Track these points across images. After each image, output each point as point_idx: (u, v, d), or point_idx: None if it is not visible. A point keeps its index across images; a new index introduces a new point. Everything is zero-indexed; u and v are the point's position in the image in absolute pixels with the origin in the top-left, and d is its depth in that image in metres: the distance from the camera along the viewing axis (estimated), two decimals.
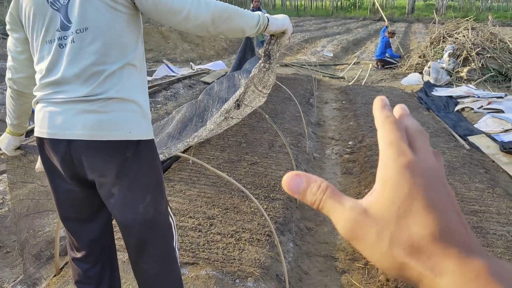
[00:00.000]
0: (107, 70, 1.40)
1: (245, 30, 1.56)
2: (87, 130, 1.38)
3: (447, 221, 0.30)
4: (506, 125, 5.35)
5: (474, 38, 8.66)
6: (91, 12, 1.38)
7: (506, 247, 2.79)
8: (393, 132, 0.35)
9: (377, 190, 0.33)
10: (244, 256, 2.59)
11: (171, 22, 1.46)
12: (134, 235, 1.55)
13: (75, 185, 1.53)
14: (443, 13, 29.42)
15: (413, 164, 0.32)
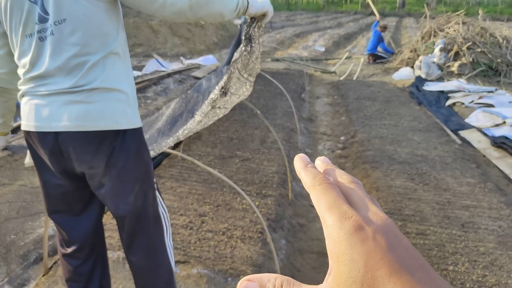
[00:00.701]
0: (90, 61, 1.38)
1: (224, 14, 1.53)
2: (73, 121, 1.37)
3: (419, 284, 0.26)
4: (497, 119, 5.37)
5: (465, 32, 8.69)
6: (67, 3, 1.34)
7: (497, 242, 2.79)
8: (327, 191, 0.32)
9: (334, 270, 0.29)
10: (236, 254, 2.56)
11: (148, 9, 1.43)
12: (126, 226, 1.57)
13: (64, 179, 1.52)
14: (434, 8, 29.49)
15: (360, 227, 0.29)
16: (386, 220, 0.30)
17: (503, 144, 4.51)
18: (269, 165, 3.94)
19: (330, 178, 0.34)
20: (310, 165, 0.37)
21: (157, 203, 1.65)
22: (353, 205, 0.32)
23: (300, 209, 3.41)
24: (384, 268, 0.27)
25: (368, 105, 6.31)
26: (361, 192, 0.33)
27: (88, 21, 1.36)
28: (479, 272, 2.47)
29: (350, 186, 0.34)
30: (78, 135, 1.39)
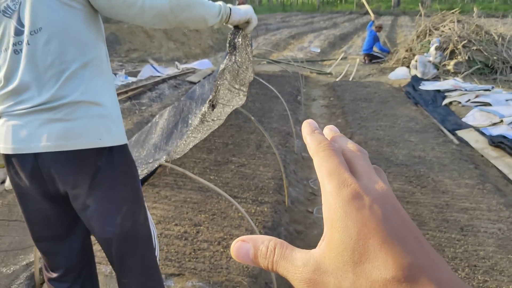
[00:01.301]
0: (67, 70, 1.30)
1: (207, 19, 1.49)
2: (53, 141, 1.30)
3: (410, 256, 0.26)
4: (494, 118, 5.34)
5: (460, 30, 8.67)
6: (43, 12, 1.29)
7: (497, 245, 2.75)
8: (330, 158, 0.32)
9: (327, 236, 0.29)
10: (232, 264, 2.51)
11: (127, 16, 1.39)
12: (114, 248, 1.47)
13: (47, 203, 1.44)
14: (429, 6, 29.53)
15: (358, 195, 0.29)
16: (386, 190, 0.30)
17: (501, 144, 4.47)
18: (265, 170, 3.89)
19: (335, 145, 0.34)
20: (317, 131, 0.36)
21: (148, 222, 1.57)
22: (355, 173, 0.31)
23: (297, 215, 3.36)
24: (376, 237, 0.27)
25: (365, 106, 6.27)
26: (365, 162, 0.33)
27: (65, 28, 1.31)
28: (479, 278, 2.43)
29: (354, 155, 0.33)
30: (60, 155, 1.32)
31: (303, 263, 0.29)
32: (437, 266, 0.26)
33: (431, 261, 0.26)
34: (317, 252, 0.30)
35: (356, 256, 0.27)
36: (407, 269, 0.25)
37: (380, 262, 0.26)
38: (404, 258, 0.26)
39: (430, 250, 0.27)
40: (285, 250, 0.31)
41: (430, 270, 0.26)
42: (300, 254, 0.30)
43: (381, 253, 0.26)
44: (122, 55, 11.15)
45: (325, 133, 0.38)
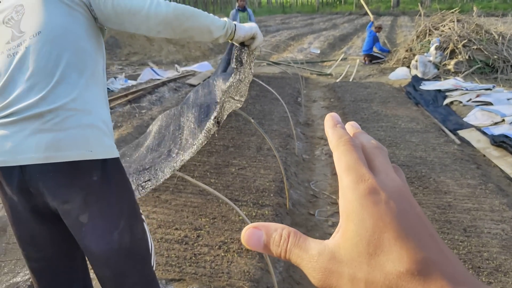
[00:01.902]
0: (61, 74, 1.26)
1: (212, 30, 1.50)
2: (41, 152, 1.22)
3: (423, 251, 0.26)
4: (496, 117, 5.31)
5: (460, 30, 8.64)
6: (45, 17, 1.29)
7: (501, 246, 2.72)
8: (349, 153, 0.32)
9: (342, 227, 0.30)
10: (233, 269, 2.49)
11: (132, 23, 1.39)
12: (111, 267, 1.36)
13: (35, 221, 1.34)
14: (428, 6, 29.52)
15: (374, 190, 0.29)
16: (402, 187, 0.30)
17: (503, 143, 4.44)
18: (266, 173, 3.87)
19: (355, 140, 0.34)
20: (339, 125, 0.36)
21: (147, 236, 1.49)
22: (374, 169, 0.32)
23: (299, 218, 3.33)
24: (391, 231, 0.27)
25: (365, 107, 6.25)
26: (383, 158, 0.33)
27: (64, 33, 1.30)
28: (483, 280, 2.40)
29: (374, 151, 0.34)
30: (49, 168, 1.24)
31: (318, 252, 0.30)
32: (450, 261, 0.27)
33: (445, 257, 0.27)
34: (332, 242, 0.30)
35: (371, 248, 0.27)
36: (420, 263, 0.26)
37: (394, 255, 0.26)
38: (418, 252, 0.26)
39: (443, 247, 0.28)
40: (299, 238, 0.31)
41: (443, 265, 0.26)
42: (314, 244, 0.31)
43: (395, 247, 0.27)
44: (122, 59, 11.14)
45: (347, 128, 0.38)
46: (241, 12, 8.37)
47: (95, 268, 1.39)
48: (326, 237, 3.06)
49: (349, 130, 0.38)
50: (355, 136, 0.36)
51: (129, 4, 1.37)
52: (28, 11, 1.33)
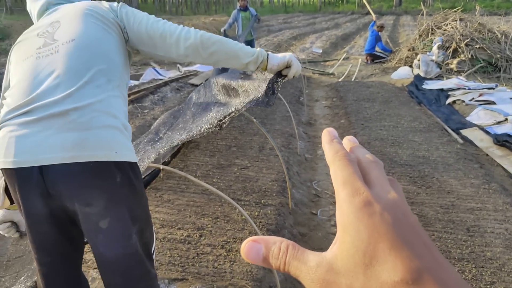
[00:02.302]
0: (90, 76, 1.28)
1: (240, 56, 1.54)
2: (68, 151, 1.18)
3: (417, 260, 0.27)
4: (498, 117, 5.29)
5: (462, 29, 8.61)
6: (80, 28, 1.36)
7: (505, 245, 2.71)
8: (345, 167, 0.33)
9: (339, 239, 0.31)
10: (236, 268, 2.49)
11: (163, 46, 1.47)
12: (123, 273, 1.34)
13: (49, 224, 1.31)
14: (431, 5, 29.45)
15: (369, 203, 0.30)
16: (397, 199, 0.31)
17: (506, 142, 4.43)
18: (268, 172, 3.87)
19: (351, 155, 0.35)
20: (336, 140, 0.37)
21: (153, 239, 1.49)
22: (369, 182, 0.32)
23: (301, 218, 3.33)
24: (386, 242, 0.28)
25: (368, 106, 6.24)
26: (379, 172, 0.34)
27: (97, 43, 1.35)
28: (487, 279, 2.39)
29: (369, 165, 0.35)
30: (74, 168, 1.20)
31: (316, 264, 0.31)
32: (443, 269, 0.27)
33: (438, 264, 0.27)
34: (330, 254, 0.31)
35: (367, 259, 0.28)
36: (415, 272, 0.26)
37: (389, 265, 0.27)
38: (412, 261, 0.27)
39: (437, 255, 0.28)
40: (297, 251, 0.32)
41: (437, 273, 0.27)
42: (313, 256, 0.31)
43: (390, 257, 0.27)
44: None
45: (344, 143, 0.39)
46: (243, 11, 8.33)
47: (106, 275, 1.35)
48: (329, 236, 3.05)
49: (346, 145, 0.39)
50: (352, 150, 0.37)
51: (162, 28, 1.47)
52: (64, 25, 1.39)
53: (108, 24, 1.43)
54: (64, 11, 1.47)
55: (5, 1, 22.72)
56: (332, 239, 3.02)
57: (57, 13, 1.48)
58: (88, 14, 1.42)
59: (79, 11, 1.44)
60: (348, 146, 0.38)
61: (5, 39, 12.63)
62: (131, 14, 1.50)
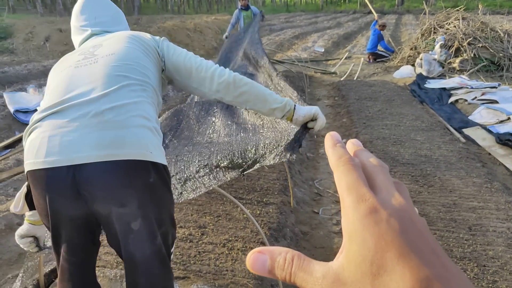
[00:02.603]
0: (128, 82, 1.32)
1: (268, 100, 1.57)
2: (103, 150, 1.17)
3: (426, 268, 0.26)
4: (501, 116, 5.28)
5: (465, 28, 8.59)
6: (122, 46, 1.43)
7: (507, 244, 2.71)
8: (349, 172, 0.32)
9: (346, 248, 0.30)
10: (237, 266, 2.49)
11: (197, 78, 1.54)
12: (147, 273, 1.33)
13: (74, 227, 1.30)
14: (433, 3, 29.37)
15: (375, 209, 0.29)
16: (404, 204, 0.30)
17: (509, 141, 4.42)
18: (270, 171, 3.87)
19: (355, 160, 0.34)
20: (339, 144, 0.36)
21: (174, 240, 1.51)
22: (374, 188, 0.32)
23: (303, 216, 3.33)
24: (393, 250, 0.27)
25: (370, 105, 6.23)
26: (384, 176, 0.33)
27: (136, 60, 1.42)
28: (489, 278, 2.39)
29: (374, 169, 0.34)
30: (110, 166, 1.19)
31: (322, 275, 0.30)
32: (453, 277, 0.26)
33: (448, 272, 0.26)
34: (336, 264, 0.30)
35: (374, 269, 0.27)
36: (424, 281, 0.25)
37: (397, 274, 0.26)
38: (421, 270, 0.26)
39: (447, 262, 0.27)
40: (303, 261, 0.31)
41: (446, 281, 0.26)
42: (319, 266, 0.31)
43: (398, 266, 0.26)
44: None
45: (348, 146, 0.38)
46: (245, 11, 8.33)
47: (131, 275, 1.35)
48: (330, 235, 3.05)
49: (349, 148, 0.38)
50: (356, 154, 0.37)
51: (199, 62, 1.56)
52: (106, 46, 1.47)
53: (148, 49, 1.51)
54: (107, 36, 1.57)
55: (7, 0, 22.73)
56: (334, 237, 3.02)
57: (100, 38, 1.58)
58: (130, 38, 1.51)
59: (121, 35, 1.54)
60: (352, 150, 0.38)
61: (8, 38, 12.66)
62: (172, 46, 1.60)
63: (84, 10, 1.67)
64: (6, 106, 5.91)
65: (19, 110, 5.82)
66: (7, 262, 2.69)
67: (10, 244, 2.84)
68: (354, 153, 0.37)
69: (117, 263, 2.46)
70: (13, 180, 3.83)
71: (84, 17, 1.66)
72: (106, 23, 1.67)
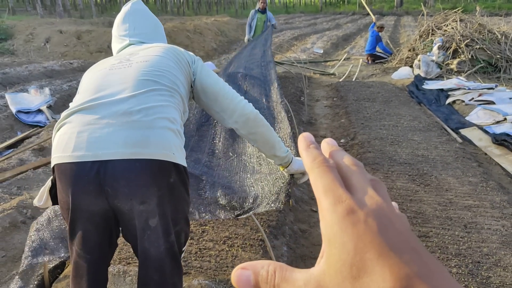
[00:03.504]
0: (156, 87, 1.38)
1: (275, 147, 1.68)
2: (130, 148, 1.22)
3: (406, 266, 0.26)
4: (498, 116, 5.34)
5: (462, 30, 8.66)
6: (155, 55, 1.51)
7: (501, 242, 2.77)
8: (324, 174, 0.32)
9: (326, 252, 0.29)
10: (237, 263, 2.54)
11: (222, 103, 1.60)
12: (158, 268, 1.37)
13: (94, 223, 1.33)
14: (432, 5, 29.49)
15: (353, 211, 0.29)
16: (381, 203, 0.30)
17: (505, 142, 4.48)
18: None
19: (330, 161, 0.34)
20: (312, 145, 0.36)
21: (187, 239, 1.56)
22: (351, 188, 0.31)
23: (301, 215, 3.39)
24: (373, 251, 0.27)
25: (368, 106, 6.30)
26: (360, 176, 0.33)
27: (166, 68, 1.48)
28: (483, 274, 2.45)
29: (350, 169, 0.33)
30: (135, 164, 1.24)
31: (304, 283, 0.30)
32: (435, 274, 0.26)
33: (429, 270, 0.26)
34: (317, 270, 0.30)
35: (354, 271, 0.27)
36: (404, 279, 0.25)
37: (377, 275, 0.26)
38: (402, 269, 0.26)
39: (428, 259, 0.27)
40: (285, 272, 0.31)
41: (428, 279, 0.25)
42: (300, 274, 0.30)
43: (378, 266, 0.26)
44: None
45: (323, 146, 0.38)
46: (260, 13, 8.47)
47: (144, 272, 1.39)
48: None
49: (324, 148, 0.37)
50: (331, 155, 0.36)
51: (228, 89, 1.62)
52: (141, 54, 1.54)
53: (181, 61, 1.57)
54: (143, 46, 1.65)
55: (7, 2, 22.78)
56: None
57: (137, 47, 1.66)
58: (165, 49, 1.58)
59: (157, 46, 1.61)
60: (327, 150, 0.37)
61: (8, 39, 12.71)
62: (206, 67, 1.67)
63: (125, 20, 1.75)
64: (8, 107, 5.96)
65: (21, 111, 5.88)
66: (11, 259, 2.74)
67: (14, 242, 2.90)
68: (329, 154, 0.36)
69: (119, 260, 2.52)
70: (16, 179, 3.88)
71: (125, 27, 1.74)
72: (144, 35, 1.75)
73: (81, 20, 19.18)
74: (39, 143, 4.79)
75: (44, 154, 4.55)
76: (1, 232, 2.95)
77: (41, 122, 5.88)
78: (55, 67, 9.29)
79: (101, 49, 11.84)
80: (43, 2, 25.49)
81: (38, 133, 5.40)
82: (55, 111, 6.24)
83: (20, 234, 2.99)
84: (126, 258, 2.52)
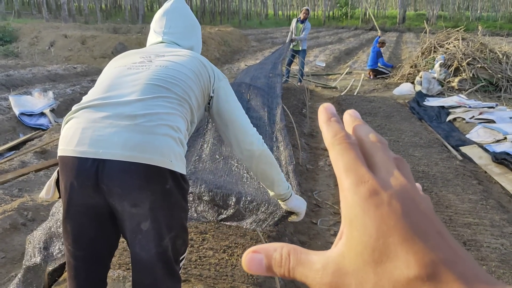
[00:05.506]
0: (167, 94, 1.39)
1: (276, 184, 1.69)
2: (128, 150, 1.25)
3: (432, 252, 0.24)
4: (498, 135, 5.38)
5: (464, 48, 8.75)
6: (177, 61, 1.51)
7: (500, 260, 2.77)
8: (346, 152, 0.30)
9: (345, 234, 0.28)
10: (237, 272, 2.55)
11: (232, 131, 1.59)
12: (152, 274, 1.37)
13: (89, 219, 1.35)
14: (434, 23, 29.78)
15: (375, 191, 0.27)
16: (406, 184, 0.28)
17: (504, 160, 4.51)
18: None
19: (351, 137, 0.31)
20: (334, 118, 0.33)
21: (185, 247, 1.55)
22: (374, 167, 0.30)
23: (301, 226, 3.39)
24: (396, 235, 0.25)
25: (369, 120, 6.33)
26: (384, 153, 0.31)
27: (184, 78, 1.47)
28: None
29: (373, 146, 0.31)
30: (131, 167, 1.26)
31: (322, 266, 0.28)
32: (462, 260, 0.25)
33: (455, 255, 0.25)
34: (335, 252, 0.29)
35: (376, 256, 0.26)
36: (429, 266, 0.24)
37: (401, 261, 0.25)
38: (426, 255, 0.24)
39: (454, 244, 0.26)
40: (300, 255, 0.30)
41: (454, 265, 0.24)
42: (317, 257, 0.29)
43: (402, 252, 0.25)
44: None
45: (345, 119, 0.35)
46: (300, 23, 8.75)
47: (136, 274, 1.39)
48: (328, 246, 3.11)
49: (347, 121, 0.35)
50: (354, 129, 0.34)
51: (241, 120, 1.60)
52: (166, 57, 1.53)
53: (202, 76, 1.56)
54: (173, 49, 1.65)
55: (13, 5, 22.94)
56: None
57: (167, 48, 1.66)
58: (190, 59, 1.57)
59: (184, 53, 1.60)
60: (349, 124, 0.34)
61: (13, 42, 12.79)
62: (228, 91, 1.64)
63: (163, 17, 1.76)
64: (11, 109, 5.99)
65: (24, 113, 5.90)
66: (11, 261, 2.74)
67: (14, 243, 2.90)
68: (353, 128, 0.34)
69: (119, 265, 2.51)
70: (17, 181, 3.89)
71: (161, 24, 1.75)
72: (178, 35, 1.75)
73: (86, 25, 19.32)
74: (41, 146, 4.81)
75: (46, 157, 4.56)
76: (1, 233, 2.95)
77: (44, 125, 5.90)
78: (58, 71, 9.34)
79: (105, 55, 11.91)
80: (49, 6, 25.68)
81: (40, 136, 5.42)
82: (58, 115, 6.27)
83: (20, 236, 2.99)
84: (126, 264, 2.52)
